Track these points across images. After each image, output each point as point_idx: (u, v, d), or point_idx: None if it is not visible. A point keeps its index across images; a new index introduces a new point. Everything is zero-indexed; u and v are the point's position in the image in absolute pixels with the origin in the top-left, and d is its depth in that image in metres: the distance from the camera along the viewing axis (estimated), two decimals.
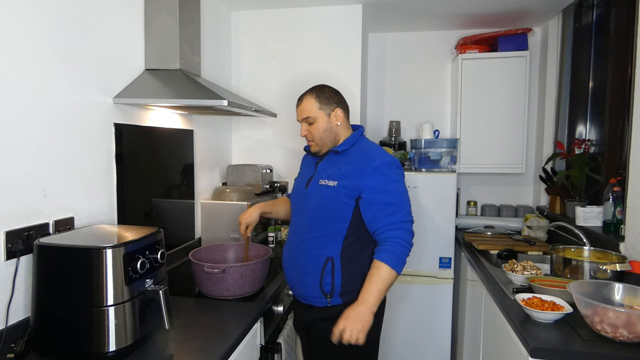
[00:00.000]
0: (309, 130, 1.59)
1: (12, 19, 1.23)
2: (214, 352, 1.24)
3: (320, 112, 1.57)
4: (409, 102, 3.26)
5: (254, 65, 2.82)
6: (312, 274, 1.54)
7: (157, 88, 1.77)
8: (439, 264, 2.67)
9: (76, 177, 1.50)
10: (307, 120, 1.59)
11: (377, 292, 1.42)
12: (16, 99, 1.25)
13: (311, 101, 1.58)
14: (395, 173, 1.54)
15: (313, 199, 1.57)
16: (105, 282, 1.16)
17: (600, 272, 1.70)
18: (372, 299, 1.42)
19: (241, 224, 1.75)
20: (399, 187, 1.53)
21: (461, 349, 2.64)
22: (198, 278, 1.67)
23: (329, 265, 1.51)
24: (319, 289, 1.52)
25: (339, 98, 1.62)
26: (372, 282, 1.43)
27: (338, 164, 1.57)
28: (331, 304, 1.53)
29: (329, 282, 1.51)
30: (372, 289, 1.42)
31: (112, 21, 1.66)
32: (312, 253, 1.54)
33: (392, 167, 1.54)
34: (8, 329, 1.22)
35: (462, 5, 2.64)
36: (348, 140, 1.59)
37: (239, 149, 2.90)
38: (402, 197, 1.52)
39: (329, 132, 1.58)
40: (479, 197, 3.24)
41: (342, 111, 1.60)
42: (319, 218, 1.54)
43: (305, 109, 1.59)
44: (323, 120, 1.57)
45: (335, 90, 1.64)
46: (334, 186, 1.52)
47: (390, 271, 1.43)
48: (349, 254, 1.52)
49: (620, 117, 2.23)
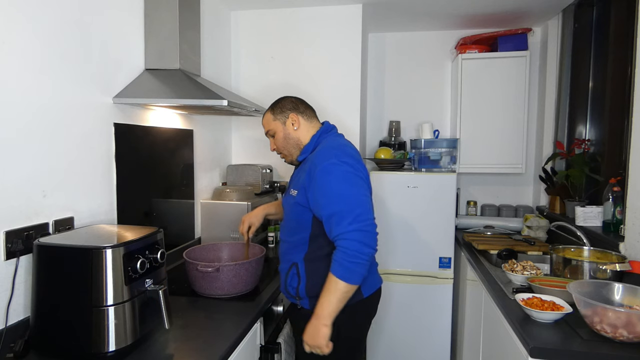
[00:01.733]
0: (274, 143, 1.64)
1: (12, 19, 1.23)
2: (214, 352, 1.24)
3: (276, 123, 1.61)
4: (409, 102, 3.26)
5: (254, 65, 2.82)
6: (282, 275, 1.61)
7: (157, 88, 1.77)
8: (439, 264, 2.67)
9: (76, 177, 1.50)
10: (269, 134, 1.64)
11: (328, 304, 1.38)
12: (16, 98, 1.25)
13: (267, 115, 1.63)
14: (337, 175, 1.41)
15: (285, 209, 1.62)
16: (105, 282, 1.16)
17: (600, 272, 1.70)
18: (323, 311, 1.39)
19: (244, 222, 1.78)
20: (342, 190, 1.39)
21: (461, 349, 2.64)
22: (192, 277, 1.68)
23: (293, 270, 1.56)
24: (286, 291, 1.60)
25: (294, 104, 1.62)
26: (323, 295, 1.40)
27: (301, 171, 1.56)
28: (300, 305, 1.58)
29: (295, 286, 1.55)
30: (322, 302, 1.40)
31: (112, 21, 1.66)
32: (284, 257, 1.61)
33: (334, 169, 1.41)
34: (8, 328, 1.22)
35: (462, 5, 2.64)
36: (307, 147, 1.58)
37: (239, 149, 2.90)
38: (346, 201, 1.38)
39: (289, 139, 1.60)
40: (478, 197, 3.24)
41: (298, 114, 1.60)
42: (288, 227, 1.60)
43: (264, 124, 1.65)
44: (280, 129, 1.60)
45: (293, 99, 1.64)
46: (294, 196, 1.53)
47: (337, 282, 1.36)
48: (312, 260, 1.52)
49: (620, 117, 2.23)
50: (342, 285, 1.36)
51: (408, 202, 2.66)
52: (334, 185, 1.40)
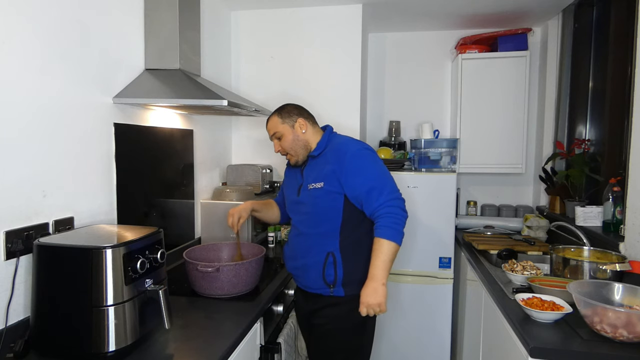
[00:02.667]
0: (280, 145, 1.73)
1: (12, 19, 1.23)
2: (214, 352, 1.24)
3: (284, 126, 1.70)
4: (409, 102, 3.26)
5: (254, 65, 2.82)
6: (315, 267, 1.65)
7: (157, 88, 1.77)
8: (439, 264, 2.67)
9: (76, 177, 1.49)
10: (276, 136, 1.72)
11: (382, 265, 1.53)
12: (16, 98, 1.25)
13: (274, 119, 1.72)
14: (368, 157, 1.63)
15: (307, 204, 1.67)
16: (105, 282, 1.16)
17: (600, 272, 1.70)
18: (379, 272, 1.53)
19: (233, 215, 1.81)
20: (375, 170, 1.61)
21: (461, 349, 2.64)
22: (192, 277, 1.68)
23: (330, 259, 1.63)
24: (322, 280, 1.64)
25: (300, 110, 1.74)
26: (375, 258, 1.54)
27: (319, 165, 1.67)
28: (333, 293, 1.64)
29: (332, 273, 1.63)
30: (377, 264, 1.53)
31: (112, 21, 1.66)
32: (314, 249, 1.66)
33: (364, 153, 1.64)
34: (8, 328, 1.22)
35: (461, 5, 2.64)
36: (321, 143, 1.70)
37: (238, 149, 2.90)
38: (381, 178, 1.60)
39: (298, 141, 1.70)
40: (478, 197, 3.24)
41: (305, 119, 1.72)
42: (315, 218, 1.66)
43: (271, 127, 1.73)
44: (288, 132, 1.70)
45: (296, 105, 1.76)
46: (321, 187, 1.63)
47: (389, 244, 1.53)
48: (347, 247, 1.63)
49: (620, 117, 2.23)
50: (392, 246, 1.53)
51: (408, 202, 2.60)
52: (369, 165, 1.61)
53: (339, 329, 1.65)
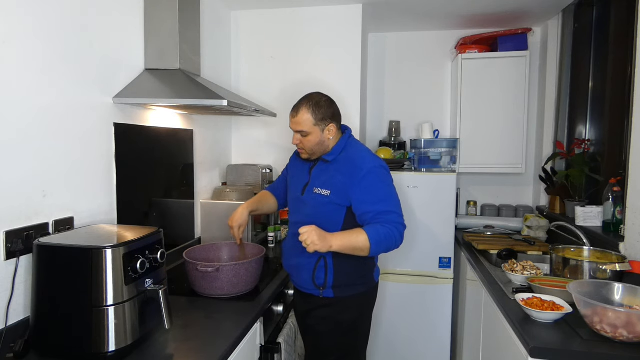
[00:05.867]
0: (302, 141, 1.66)
1: (12, 19, 1.23)
2: (214, 352, 1.24)
3: (315, 128, 1.63)
4: (409, 102, 3.26)
5: (254, 65, 2.82)
6: (306, 269, 1.67)
7: (157, 88, 1.77)
8: (439, 264, 2.67)
9: (76, 177, 1.49)
10: (301, 133, 1.64)
11: (345, 242, 1.52)
12: (16, 98, 1.25)
13: (307, 116, 1.62)
14: (383, 179, 1.61)
15: (309, 206, 1.67)
16: (105, 282, 1.16)
17: (600, 272, 1.70)
18: (338, 241, 1.51)
19: (233, 227, 1.79)
20: (388, 193, 1.60)
21: (461, 349, 2.64)
22: (192, 277, 1.68)
23: (321, 263, 1.64)
24: (312, 282, 1.66)
25: (334, 110, 1.66)
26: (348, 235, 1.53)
27: (329, 171, 1.65)
28: (323, 295, 1.66)
29: (322, 277, 1.64)
30: (346, 237, 1.53)
31: (112, 21, 1.66)
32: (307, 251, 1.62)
33: (381, 172, 1.61)
34: (8, 328, 1.22)
35: (461, 5, 2.64)
36: (336, 149, 1.67)
37: (239, 149, 2.90)
38: (392, 202, 1.59)
39: (321, 145, 1.66)
40: (478, 197, 3.24)
41: (335, 125, 1.66)
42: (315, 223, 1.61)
43: (300, 122, 1.63)
44: (317, 135, 1.64)
45: (330, 101, 1.67)
46: (327, 195, 1.62)
47: (365, 241, 1.50)
48: (341, 255, 1.59)
49: (620, 117, 2.23)
50: (365, 246, 1.50)
51: (408, 202, 2.66)
52: (381, 186, 1.59)
53: (330, 329, 1.67)
